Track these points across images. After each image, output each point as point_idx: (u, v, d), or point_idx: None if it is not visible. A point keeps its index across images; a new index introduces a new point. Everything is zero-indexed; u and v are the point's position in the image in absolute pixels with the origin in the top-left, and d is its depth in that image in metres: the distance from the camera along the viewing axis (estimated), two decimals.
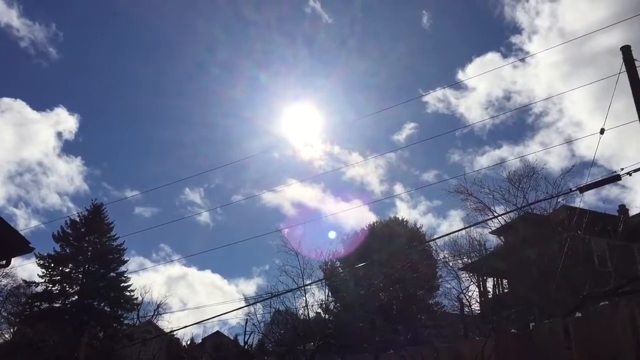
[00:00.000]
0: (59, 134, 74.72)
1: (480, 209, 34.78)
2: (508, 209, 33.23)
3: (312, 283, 39.81)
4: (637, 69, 13.62)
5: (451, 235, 37.28)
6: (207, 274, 70.01)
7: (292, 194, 73.47)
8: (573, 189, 18.71)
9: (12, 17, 74.44)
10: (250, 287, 78.55)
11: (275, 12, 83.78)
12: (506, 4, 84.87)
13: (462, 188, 34.91)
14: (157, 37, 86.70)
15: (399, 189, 75.49)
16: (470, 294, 36.48)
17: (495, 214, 34.19)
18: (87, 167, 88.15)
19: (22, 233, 13.20)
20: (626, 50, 13.67)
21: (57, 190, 76.31)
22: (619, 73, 13.75)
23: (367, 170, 75.60)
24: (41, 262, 49.01)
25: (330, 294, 42.77)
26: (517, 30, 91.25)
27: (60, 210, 76.20)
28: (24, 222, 68.76)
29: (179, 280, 73.99)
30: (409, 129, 73.78)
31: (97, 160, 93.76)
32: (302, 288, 37.14)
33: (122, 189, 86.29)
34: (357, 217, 78.88)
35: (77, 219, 51.81)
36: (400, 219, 53.50)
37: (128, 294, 51.02)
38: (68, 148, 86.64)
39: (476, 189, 34.55)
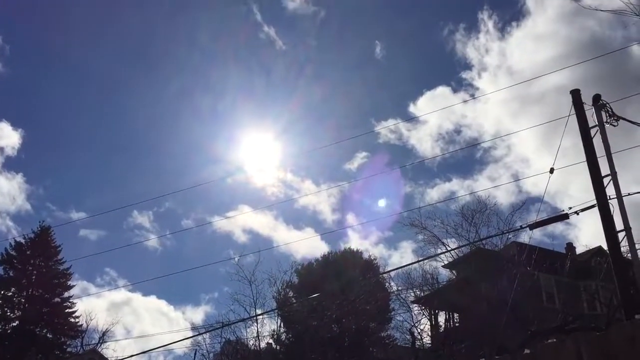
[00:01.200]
0: (1, 149, 72.05)
1: (432, 241, 35.26)
2: (460, 243, 33.78)
3: (264, 313, 39.34)
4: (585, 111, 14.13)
5: (404, 267, 37.50)
6: (152, 300, 68.19)
7: (243, 221, 73.00)
8: (523, 226, 19.09)
9: None
10: (198, 314, 76.98)
11: (230, 38, 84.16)
12: (458, 40, 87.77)
13: (417, 222, 35.36)
14: (109, 61, 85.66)
15: (350, 218, 76.10)
16: (422, 327, 36.72)
17: (448, 248, 34.68)
18: (29, 185, 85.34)
19: None
20: (575, 94, 14.15)
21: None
22: (569, 115, 14.23)
23: (320, 199, 76.07)
24: None
25: (282, 325, 42.25)
26: (467, 66, 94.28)
27: (0, 230, 73.36)
28: None
29: (123, 305, 71.63)
30: (360, 157, 74.86)
31: (40, 178, 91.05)
32: (254, 318, 36.64)
33: (67, 210, 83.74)
34: (309, 245, 78.72)
35: (23, 241, 50.08)
36: (354, 249, 53.55)
37: (72, 320, 49.22)
38: (10, 164, 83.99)
39: (430, 223, 35.07)
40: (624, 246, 12.63)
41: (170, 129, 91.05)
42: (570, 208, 13.53)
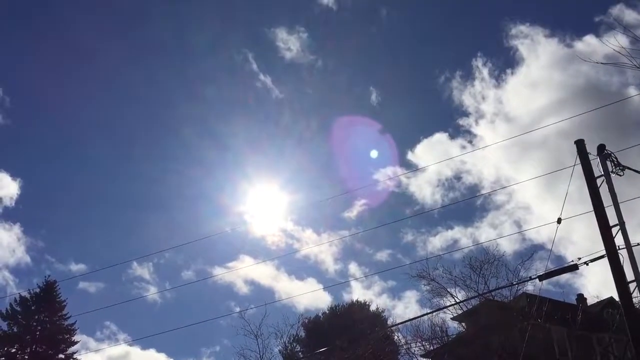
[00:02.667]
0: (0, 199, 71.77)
1: (439, 292, 34.91)
2: (469, 295, 33.37)
3: None
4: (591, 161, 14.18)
5: (413, 320, 36.92)
6: (152, 354, 66.55)
7: (245, 272, 72.37)
8: (533, 277, 18.91)
9: None
10: None
11: (228, 87, 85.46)
12: (455, 87, 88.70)
13: (424, 273, 35.08)
14: (109, 112, 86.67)
15: (353, 268, 75.21)
16: None
17: (456, 299, 34.25)
18: (27, 236, 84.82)
19: None
20: (580, 144, 14.23)
21: None
22: (574, 165, 14.29)
23: (321, 248, 75.61)
24: None
25: None
26: (464, 113, 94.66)
27: (1, 283, 72.81)
28: None
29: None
30: (359, 205, 74.46)
31: (38, 228, 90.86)
32: None
33: (66, 263, 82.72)
34: (312, 295, 77.79)
35: (28, 296, 49.73)
36: (362, 301, 52.92)
37: None
38: (7, 214, 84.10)
39: (436, 273, 34.80)
40: (636, 297, 12.46)
41: (167, 180, 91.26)
42: (579, 258, 13.42)
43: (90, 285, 76.62)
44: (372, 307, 52.09)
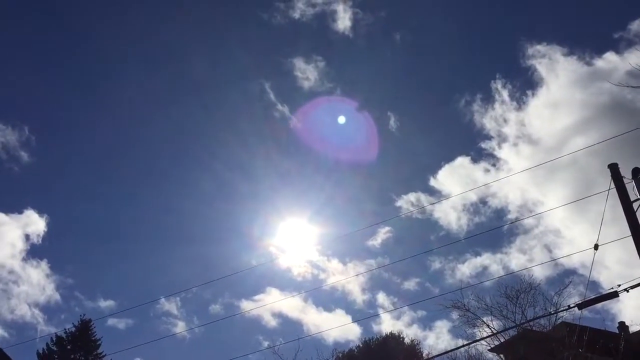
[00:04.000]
0: (27, 236, 72.49)
1: (473, 322, 34.23)
2: (507, 325, 32.65)
3: None
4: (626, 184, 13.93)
5: (449, 353, 36.13)
6: None
7: (272, 305, 71.88)
8: (572, 306, 18.48)
9: None
10: None
11: (246, 116, 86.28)
12: (475, 111, 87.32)
13: (459, 303, 34.47)
14: (139, 147, 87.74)
15: (381, 297, 74.02)
16: None
17: (493, 330, 33.50)
18: (54, 272, 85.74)
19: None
20: (614, 168, 14.04)
21: (27, 301, 73.78)
22: (609, 189, 14.05)
23: (348, 278, 74.88)
24: None
25: None
26: (485, 136, 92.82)
27: (31, 322, 73.49)
28: None
29: None
30: (383, 233, 73.35)
31: (65, 265, 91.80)
32: None
33: (94, 299, 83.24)
34: (341, 327, 76.72)
35: (64, 335, 50.26)
36: (396, 334, 52.16)
37: None
38: (35, 251, 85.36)
39: (472, 304, 34.14)
40: None
41: (193, 213, 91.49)
42: (619, 285, 13.12)
43: (120, 322, 77.04)
44: (407, 340, 51.36)
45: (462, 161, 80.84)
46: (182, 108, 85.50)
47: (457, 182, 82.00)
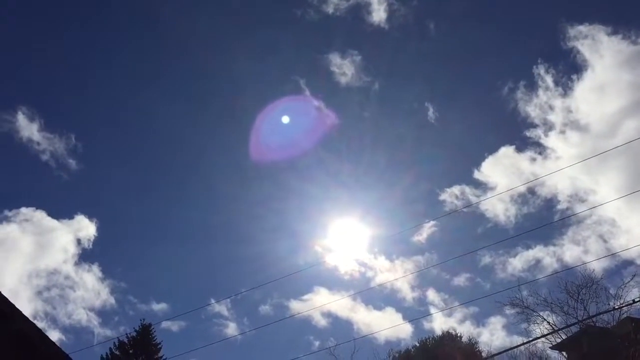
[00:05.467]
0: (79, 241, 73.95)
1: (530, 319, 33.51)
2: (568, 322, 31.82)
3: None
4: None
5: (509, 351, 35.40)
6: None
7: (320, 303, 71.49)
8: (637, 300, 17.88)
9: (33, 132, 78.73)
10: None
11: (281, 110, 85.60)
12: (520, 99, 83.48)
13: (517, 300, 33.81)
14: (187, 152, 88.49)
15: (431, 294, 72.32)
16: None
17: (554, 327, 32.70)
18: (106, 276, 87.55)
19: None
20: None
21: (84, 305, 75.70)
22: None
23: (396, 276, 73.10)
24: None
25: None
26: (530, 124, 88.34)
27: (87, 326, 75.53)
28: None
29: None
30: (428, 228, 71.11)
31: (116, 266, 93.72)
32: None
33: (147, 302, 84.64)
34: (390, 326, 75.45)
35: (126, 340, 51.63)
36: (453, 333, 51.40)
37: None
38: (86, 255, 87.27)
39: (531, 300, 33.44)
40: None
41: (243, 213, 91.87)
42: None
43: (173, 324, 78.55)
44: (464, 339, 50.55)
45: (506, 151, 77.87)
46: (225, 110, 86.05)
47: (502, 173, 78.98)
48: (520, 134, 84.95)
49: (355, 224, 73.09)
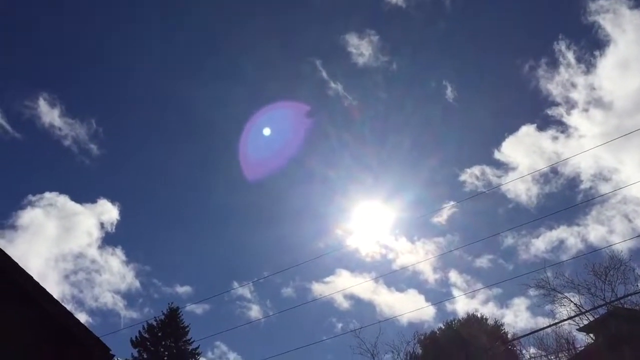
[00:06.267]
0: (102, 225, 74.54)
1: (555, 300, 33.23)
2: (595, 304, 31.50)
3: None
4: None
5: (536, 333, 35.21)
6: None
7: (343, 286, 71.10)
8: None
9: (54, 117, 79.46)
10: None
11: (299, 95, 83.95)
12: (541, 76, 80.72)
13: (543, 282, 33.54)
14: (209, 133, 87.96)
15: (453, 276, 71.26)
16: None
17: (582, 309, 32.40)
18: (130, 259, 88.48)
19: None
20: None
21: (110, 288, 76.74)
22: None
23: (418, 258, 71.99)
24: None
25: None
26: (552, 103, 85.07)
27: (113, 309, 76.69)
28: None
29: None
30: (448, 209, 69.79)
31: (139, 250, 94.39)
32: None
33: (171, 285, 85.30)
34: (412, 308, 74.70)
35: (154, 323, 52.54)
36: (479, 315, 51.24)
37: None
38: (110, 239, 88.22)
39: (557, 282, 33.15)
40: None
41: (263, 195, 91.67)
42: None
43: (197, 307, 79.55)
44: (490, 321, 50.36)
45: (528, 130, 75.90)
46: (249, 91, 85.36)
47: (523, 152, 77.17)
48: (541, 113, 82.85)
49: (375, 206, 72.59)
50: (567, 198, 69.84)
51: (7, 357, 11.31)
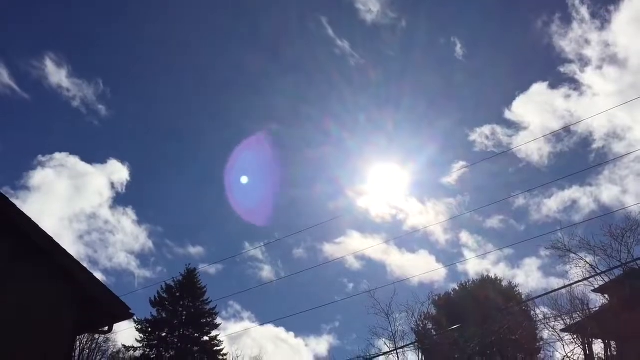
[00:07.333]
0: (112, 185, 74.58)
1: (578, 263, 33.16)
2: (611, 265, 31.44)
3: (405, 346, 38.78)
4: None
5: (550, 294, 35.30)
6: (271, 329, 67.81)
7: (354, 247, 71.11)
8: None
9: (61, 78, 78.52)
10: (322, 345, 74.65)
11: (306, 53, 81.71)
12: (553, 33, 76.33)
13: (559, 243, 33.47)
14: (221, 85, 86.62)
15: (464, 237, 70.45)
16: (575, 357, 34.18)
17: (597, 270, 32.36)
18: (141, 219, 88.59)
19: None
20: None
21: (123, 249, 77.29)
22: None
23: (428, 219, 71.18)
24: (139, 327, 50.65)
25: (423, 358, 41.36)
26: (564, 60, 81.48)
27: (127, 269, 77.58)
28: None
29: (242, 337, 72.28)
30: (457, 169, 68.60)
31: (149, 209, 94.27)
32: (395, 351, 36.23)
33: (184, 246, 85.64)
34: (426, 269, 74.74)
35: (172, 284, 53.49)
36: (493, 277, 51.49)
37: (221, 358, 51.54)
38: (120, 199, 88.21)
39: (573, 243, 33.09)
40: None
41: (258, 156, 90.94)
42: None
43: (210, 268, 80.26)
44: (504, 283, 50.60)
45: (539, 88, 74.16)
46: (257, 51, 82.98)
47: (535, 110, 75.05)
48: (553, 70, 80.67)
49: (384, 167, 72.10)
50: (579, 157, 68.81)
51: (30, 317, 11.58)
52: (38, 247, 11.80)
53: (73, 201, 79.50)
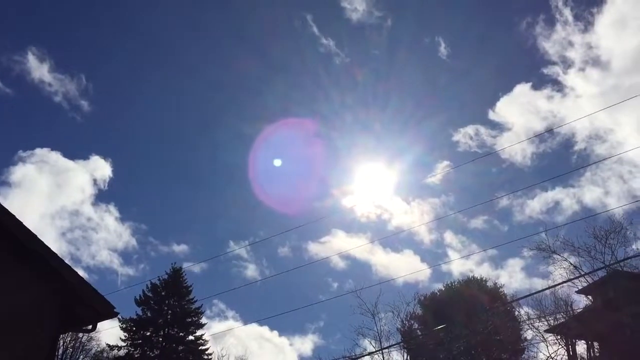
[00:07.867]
0: (95, 181, 73.32)
1: (562, 264, 33.42)
2: (594, 267, 31.75)
3: (391, 346, 38.86)
4: None
5: (535, 294, 35.56)
6: (254, 328, 67.30)
7: (339, 247, 70.97)
8: None
9: (43, 73, 77.40)
10: (306, 344, 74.33)
11: (288, 49, 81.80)
12: (537, 34, 76.16)
13: (544, 246, 33.72)
14: (206, 83, 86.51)
15: (449, 237, 70.67)
16: (558, 358, 34.47)
17: (581, 272, 32.66)
18: (123, 216, 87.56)
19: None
20: None
21: (106, 246, 76.17)
22: None
23: (413, 218, 71.20)
24: (124, 326, 50.26)
25: (409, 358, 41.44)
26: (548, 62, 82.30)
27: (110, 267, 76.56)
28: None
29: (225, 336, 71.92)
30: (442, 168, 68.69)
31: (131, 206, 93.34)
32: (381, 351, 36.28)
33: (168, 244, 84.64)
34: (410, 268, 74.68)
35: (158, 283, 53.13)
36: (478, 278, 51.69)
37: (206, 357, 51.28)
38: (102, 196, 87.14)
39: (557, 245, 33.35)
40: None
41: (245, 153, 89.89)
42: None
43: (195, 266, 79.71)
44: (489, 283, 50.82)
45: (522, 89, 74.75)
46: (243, 50, 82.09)
47: (518, 111, 75.44)
48: (537, 71, 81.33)
49: (369, 167, 72.11)
50: (562, 158, 69.41)
51: (12, 315, 11.45)
52: (20, 244, 11.67)
53: (55, 198, 78.37)
